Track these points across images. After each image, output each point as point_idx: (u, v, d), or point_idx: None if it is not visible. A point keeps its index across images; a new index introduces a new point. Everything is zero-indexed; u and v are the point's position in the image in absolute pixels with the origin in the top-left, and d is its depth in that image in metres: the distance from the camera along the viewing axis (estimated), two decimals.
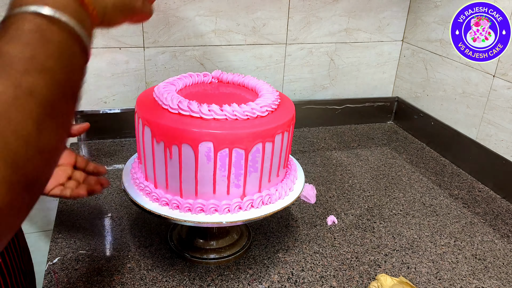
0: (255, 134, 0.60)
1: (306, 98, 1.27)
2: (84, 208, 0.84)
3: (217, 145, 0.58)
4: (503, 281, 0.72)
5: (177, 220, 0.62)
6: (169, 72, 1.11)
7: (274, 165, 0.65)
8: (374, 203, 0.92)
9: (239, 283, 0.68)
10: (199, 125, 0.59)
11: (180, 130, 0.58)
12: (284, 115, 0.65)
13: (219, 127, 0.59)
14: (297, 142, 1.18)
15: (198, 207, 0.62)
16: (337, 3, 1.17)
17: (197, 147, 0.58)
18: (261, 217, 0.64)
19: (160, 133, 0.60)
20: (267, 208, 0.65)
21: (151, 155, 0.63)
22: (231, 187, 0.62)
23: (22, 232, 0.70)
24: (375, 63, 1.30)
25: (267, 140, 0.61)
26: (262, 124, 0.61)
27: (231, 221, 0.62)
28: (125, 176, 0.71)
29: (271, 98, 0.66)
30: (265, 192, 0.65)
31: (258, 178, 0.64)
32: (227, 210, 0.63)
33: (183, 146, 0.58)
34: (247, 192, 0.64)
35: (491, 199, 0.96)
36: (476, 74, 1.03)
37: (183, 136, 0.58)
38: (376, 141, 1.23)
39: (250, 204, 0.64)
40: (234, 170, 0.61)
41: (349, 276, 0.71)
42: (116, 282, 0.67)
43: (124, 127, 1.13)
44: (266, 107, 0.63)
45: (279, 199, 0.67)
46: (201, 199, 0.62)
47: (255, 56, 1.17)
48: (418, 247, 0.79)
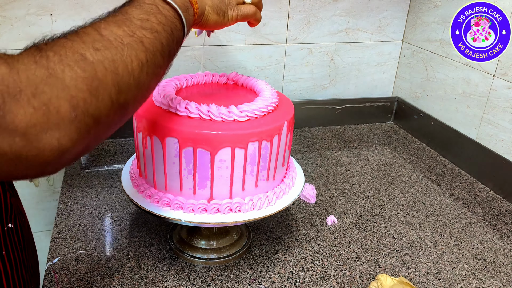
0: (252, 134, 0.59)
1: (306, 98, 1.27)
2: (84, 208, 0.84)
3: (217, 145, 0.58)
4: (503, 281, 0.72)
5: (177, 220, 0.62)
6: (169, 72, 1.11)
7: (274, 165, 0.65)
8: (374, 203, 0.92)
9: (239, 283, 0.68)
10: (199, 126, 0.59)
11: (192, 132, 0.59)
12: (282, 116, 0.65)
13: (221, 127, 0.59)
14: (297, 142, 1.18)
15: (200, 207, 0.62)
16: (337, 3, 1.17)
17: (201, 147, 0.59)
18: (261, 217, 0.64)
19: (148, 128, 0.61)
20: (267, 208, 0.65)
21: (150, 155, 0.63)
22: (233, 187, 0.62)
23: (28, 225, 0.70)
24: (375, 63, 1.30)
25: (264, 140, 0.61)
26: (260, 125, 0.61)
27: (231, 221, 0.62)
28: (124, 176, 0.71)
29: (271, 99, 0.66)
30: (265, 192, 0.65)
31: (258, 179, 0.64)
32: (228, 209, 0.63)
33: (185, 146, 0.59)
34: (248, 193, 0.64)
35: (491, 199, 0.96)
36: (476, 74, 1.03)
37: (197, 139, 0.59)
38: (376, 141, 1.23)
39: (251, 204, 0.64)
40: (236, 171, 0.61)
41: (349, 276, 0.71)
42: (116, 282, 0.67)
43: (124, 127, 1.11)
44: (251, 112, 0.62)
45: (279, 199, 0.67)
46: (201, 199, 0.62)
47: (255, 56, 1.17)
48: (418, 247, 0.79)
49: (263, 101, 0.65)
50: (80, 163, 1.01)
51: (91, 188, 0.91)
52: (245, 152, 0.60)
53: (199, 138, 0.58)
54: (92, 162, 1.02)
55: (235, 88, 0.75)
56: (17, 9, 0.95)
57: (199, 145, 0.58)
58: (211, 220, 0.62)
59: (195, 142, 0.58)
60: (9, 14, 0.95)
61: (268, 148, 0.62)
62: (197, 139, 0.58)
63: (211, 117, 0.60)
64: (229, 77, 0.76)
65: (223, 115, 0.60)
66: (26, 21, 0.97)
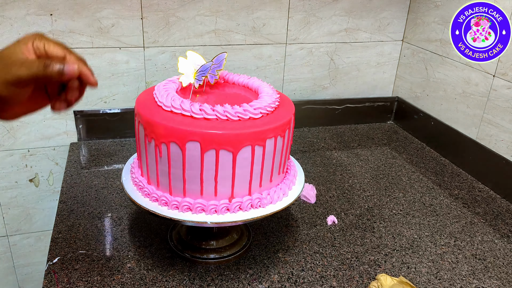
0: (245, 135, 0.59)
1: (306, 98, 1.27)
2: (84, 208, 0.84)
3: (239, 144, 0.58)
4: (503, 281, 0.72)
5: (178, 220, 0.62)
6: (169, 72, 1.11)
7: (275, 165, 0.65)
8: (374, 203, 0.92)
9: (239, 283, 0.68)
10: (205, 126, 0.58)
11: (185, 130, 0.58)
12: (283, 116, 0.65)
13: (224, 127, 0.59)
14: (297, 142, 1.18)
15: (198, 206, 0.62)
16: (337, 3, 1.17)
17: (202, 148, 0.58)
18: (261, 217, 0.64)
19: (150, 131, 0.60)
20: (267, 208, 0.65)
21: (152, 155, 0.63)
22: (235, 187, 0.62)
23: None
24: (375, 63, 1.30)
25: (278, 135, 0.62)
26: (254, 126, 0.61)
27: (231, 221, 0.62)
28: (125, 176, 0.71)
29: (271, 99, 0.66)
30: (266, 191, 0.65)
31: (272, 174, 0.64)
32: (249, 206, 0.63)
33: (187, 145, 0.58)
34: (265, 188, 0.64)
35: (491, 199, 0.96)
36: (476, 74, 1.03)
37: (188, 136, 0.58)
38: (376, 141, 1.23)
39: (250, 204, 0.64)
40: (237, 171, 0.61)
41: (349, 276, 0.71)
42: (116, 282, 0.67)
43: (124, 127, 1.13)
44: (263, 109, 0.62)
45: (279, 199, 0.67)
46: (204, 199, 0.62)
47: (255, 56, 1.17)
48: (418, 247, 0.79)
49: (269, 97, 0.66)
50: (80, 163, 1.01)
51: (91, 188, 0.91)
52: (263, 149, 0.61)
53: (222, 139, 0.57)
54: (92, 162, 1.02)
55: (227, 86, 0.75)
56: (17, 9, 0.95)
57: (222, 146, 0.58)
58: (212, 220, 0.62)
59: (218, 144, 0.58)
60: (9, 14, 0.95)
61: (281, 143, 0.64)
62: (220, 140, 0.57)
63: (228, 117, 0.59)
64: (220, 76, 0.75)
65: (239, 113, 0.60)
66: (26, 21, 0.97)
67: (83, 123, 1.10)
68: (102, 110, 1.10)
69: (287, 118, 0.64)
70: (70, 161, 1.02)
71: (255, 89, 0.72)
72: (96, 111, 1.09)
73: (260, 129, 0.60)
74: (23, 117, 0.51)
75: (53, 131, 1.09)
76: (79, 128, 1.10)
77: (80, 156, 1.05)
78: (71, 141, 1.11)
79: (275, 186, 0.68)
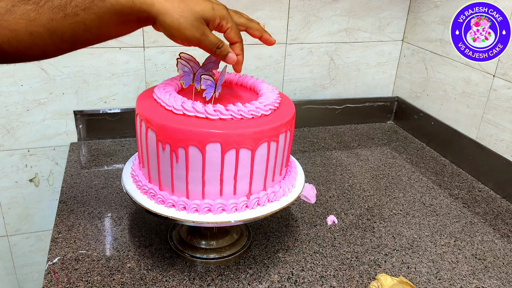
0: (262, 132, 0.60)
1: (306, 98, 1.27)
2: (84, 208, 0.84)
3: (225, 145, 0.58)
4: (503, 281, 0.72)
5: (182, 221, 0.61)
6: (169, 72, 1.11)
7: (285, 159, 0.66)
8: (374, 203, 0.92)
9: (239, 283, 0.68)
10: (207, 126, 0.58)
11: (187, 131, 0.57)
12: (286, 113, 0.65)
13: (227, 127, 0.58)
14: (297, 142, 1.18)
15: (219, 207, 0.62)
16: (337, 3, 1.17)
17: (204, 148, 0.58)
18: (261, 217, 0.64)
19: (166, 136, 0.59)
20: (267, 208, 0.65)
21: (155, 157, 0.62)
22: (253, 184, 0.63)
23: None
24: (375, 63, 1.30)
25: (289, 130, 0.63)
26: (267, 122, 0.61)
27: (231, 221, 0.62)
28: (125, 176, 0.71)
29: (273, 96, 0.66)
30: (270, 190, 0.65)
31: (263, 178, 0.64)
32: (234, 209, 0.63)
33: (190, 148, 0.58)
34: (253, 191, 0.64)
35: (491, 199, 0.96)
36: (476, 74, 1.03)
37: (190, 138, 0.57)
38: (376, 141, 1.23)
39: (267, 198, 0.65)
40: (240, 170, 0.61)
41: (349, 276, 0.71)
42: (116, 282, 0.67)
43: (124, 127, 1.13)
44: (269, 106, 0.63)
45: (279, 199, 0.67)
46: (208, 199, 0.62)
47: (255, 56, 1.17)
48: (418, 247, 0.79)
49: (271, 93, 0.66)
50: (80, 163, 1.01)
51: (91, 188, 0.91)
52: (277, 144, 0.62)
53: (241, 138, 0.58)
54: (92, 162, 1.02)
55: (226, 86, 0.75)
56: None
57: (241, 145, 0.58)
58: (214, 220, 0.62)
59: (238, 143, 0.58)
60: None
61: (289, 137, 0.66)
62: (240, 140, 0.58)
63: (243, 116, 0.59)
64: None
65: (252, 111, 0.60)
66: None
67: (83, 123, 1.10)
68: (102, 110, 1.10)
69: (291, 114, 0.66)
70: (70, 161, 1.02)
71: (249, 86, 0.72)
72: (96, 111, 1.10)
73: (274, 125, 0.61)
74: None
75: (53, 131, 1.09)
76: (79, 128, 1.10)
77: (80, 156, 1.05)
78: (71, 141, 1.11)
79: (283, 179, 0.69)
